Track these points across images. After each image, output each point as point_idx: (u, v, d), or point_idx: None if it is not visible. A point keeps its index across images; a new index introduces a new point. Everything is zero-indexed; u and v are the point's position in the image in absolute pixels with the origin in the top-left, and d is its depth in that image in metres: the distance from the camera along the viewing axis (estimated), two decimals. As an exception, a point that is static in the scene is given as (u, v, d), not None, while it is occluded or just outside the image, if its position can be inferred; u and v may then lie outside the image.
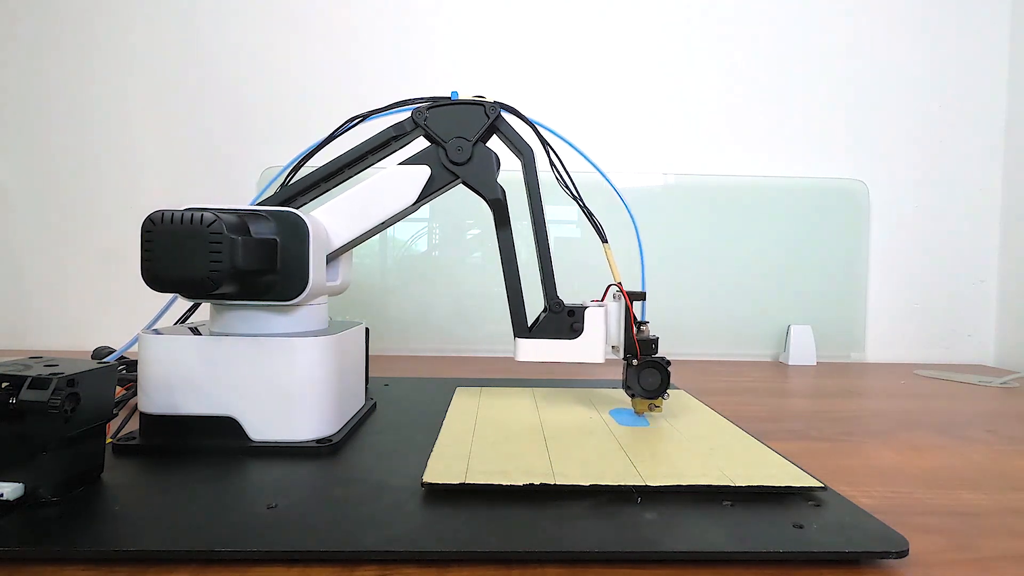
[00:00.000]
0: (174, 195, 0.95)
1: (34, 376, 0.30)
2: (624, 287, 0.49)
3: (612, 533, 0.29)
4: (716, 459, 0.38)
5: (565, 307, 0.50)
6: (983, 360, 1.00)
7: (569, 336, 0.50)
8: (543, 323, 0.50)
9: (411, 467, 0.37)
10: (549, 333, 0.50)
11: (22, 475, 0.30)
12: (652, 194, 0.97)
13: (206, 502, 0.32)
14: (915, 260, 0.99)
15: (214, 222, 0.36)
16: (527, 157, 0.50)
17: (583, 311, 0.50)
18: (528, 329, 0.50)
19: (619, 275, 0.50)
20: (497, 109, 0.49)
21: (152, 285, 0.37)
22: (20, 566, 0.27)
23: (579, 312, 0.50)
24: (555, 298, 0.50)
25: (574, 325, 0.50)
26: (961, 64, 0.99)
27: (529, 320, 0.50)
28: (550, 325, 0.50)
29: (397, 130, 0.49)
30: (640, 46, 0.98)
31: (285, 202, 0.48)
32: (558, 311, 0.50)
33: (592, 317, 0.50)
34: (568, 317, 0.50)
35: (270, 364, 0.41)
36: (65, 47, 0.96)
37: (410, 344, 0.96)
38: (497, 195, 0.49)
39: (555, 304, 0.50)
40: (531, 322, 0.50)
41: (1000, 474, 0.42)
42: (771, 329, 0.96)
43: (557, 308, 0.50)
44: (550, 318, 0.50)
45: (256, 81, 0.96)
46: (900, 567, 0.28)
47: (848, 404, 0.65)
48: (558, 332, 0.50)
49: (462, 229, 0.97)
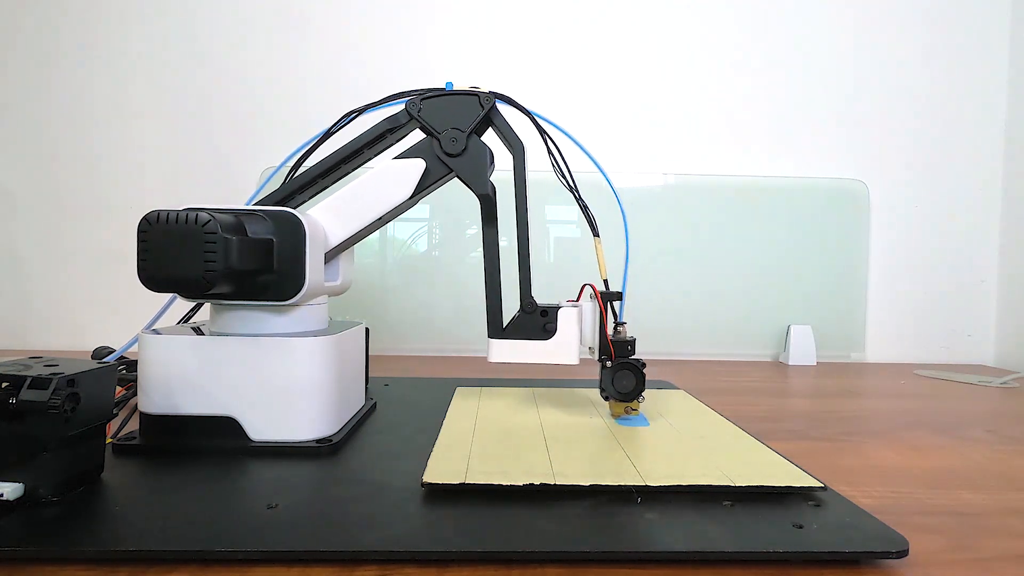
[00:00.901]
0: (175, 195, 0.95)
1: (34, 376, 0.30)
2: (609, 285, 0.49)
3: (612, 533, 0.29)
4: (716, 459, 0.38)
5: (538, 307, 0.48)
6: (983, 360, 1.00)
7: (542, 336, 0.48)
8: (516, 323, 0.49)
9: (411, 467, 0.37)
10: (522, 333, 0.48)
11: (22, 475, 0.30)
12: (652, 194, 0.97)
13: (206, 502, 0.32)
14: (915, 260, 0.99)
15: (209, 222, 0.36)
16: (517, 151, 0.49)
17: (556, 311, 0.48)
18: (502, 329, 0.49)
19: (606, 271, 0.49)
20: (492, 99, 0.48)
21: (148, 285, 0.37)
22: (20, 566, 0.27)
23: (552, 312, 0.48)
24: (528, 298, 0.49)
25: (547, 325, 0.48)
26: (961, 64, 0.99)
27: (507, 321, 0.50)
28: (523, 325, 0.48)
29: (392, 123, 0.48)
30: (640, 46, 0.98)
31: (282, 201, 0.47)
32: (531, 311, 0.48)
33: (565, 317, 0.48)
34: (541, 317, 0.48)
35: (270, 364, 0.41)
36: (66, 48, 0.96)
37: (410, 344, 0.96)
38: (487, 191, 0.48)
39: (528, 304, 0.48)
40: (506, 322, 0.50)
41: (1000, 474, 0.42)
42: (771, 329, 0.96)
43: (530, 308, 0.48)
44: (523, 318, 0.49)
45: (256, 81, 0.96)
46: (900, 567, 0.28)
47: (848, 404, 0.65)
48: (531, 332, 0.48)
49: (462, 228, 0.97)
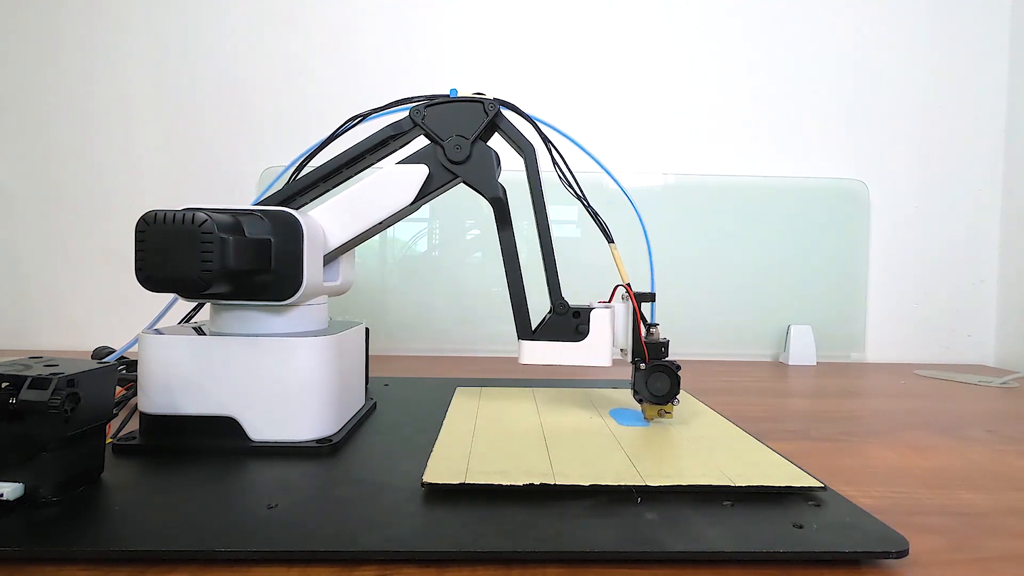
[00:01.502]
0: (175, 195, 0.95)
1: (34, 376, 0.30)
2: (632, 288, 0.48)
3: (612, 533, 0.29)
4: (716, 459, 0.38)
5: (570, 308, 0.48)
6: (983, 360, 1.00)
7: (574, 338, 0.48)
8: (548, 325, 0.48)
9: (411, 467, 0.37)
10: (554, 335, 0.48)
11: (22, 475, 0.30)
12: (653, 194, 0.97)
13: (206, 502, 0.32)
14: (915, 260, 0.99)
15: (205, 222, 0.36)
16: (528, 154, 0.48)
17: (589, 312, 0.48)
18: (532, 331, 0.48)
19: (627, 276, 0.48)
20: (496, 106, 0.48)
21: (145, 284, 0.37)
22: (20, 566, 0.27)
23: (585, 314, 0.48)
24: (560, 299, 0.48)
25: (579, 327, 0.48)
26: (961, 64, 0.98)
27: (534, 322, 0.49)
28: (555, 327, 0.48)
29: (395, 129, 0.48)
30: (641, 46, 0.97)
31: (284, 203, 0.47)
32: (563, 312, 0.48)
33: (598, 319, 0.48)
34: (573, 319, 0.48)
35: (270, 364, 0.41)
36: (66, 47, 0.96)
37: (410, 344, 0.96)
38: (497, 194, 0.48)
39: (560, 305, 0.48)
40: (536, 324, 0.49)
41: (1000, 474, 0.42)
42: (771, 329, 0.96)
43: (562, 309, 0.48)
44: (555, 320, 0.48)
45: (257, 81, 0.96)
46: (900, 567, 0.28)
47: (848, 404, 0.65)
48: (563, 334, 0.48)
49: (462, 229, 0.97)
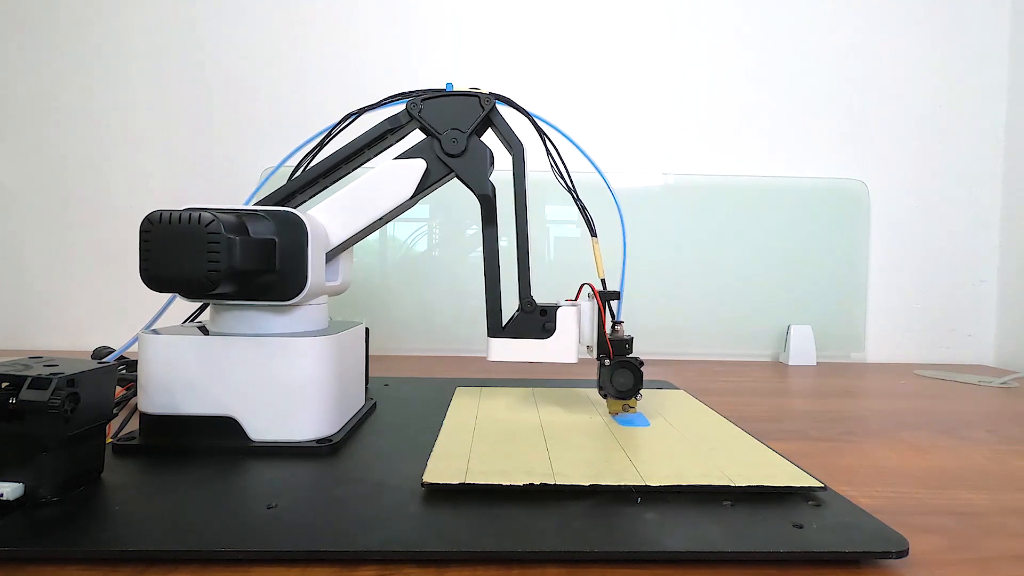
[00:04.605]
0: (175, 195, 0.95)
1: (34, 376, 0.30)
2: (606, 285, 0.49)
3: (612, 533, 0.29)
4: (716, 459, 0.38)
5: (537, 306, 0.49)
6: (983, 360, 0.99)
7: (541, 336, 0.49)
8: (515, 322, 0.49)
9: (411, 467, 0.37)
10: (521, 332, 0.49)
11: (22, 475, 0.30)
12: (652, 194, 0.97)
13: (206, 502, 0.32)
14: (915, 260, 0.99)
15: (211, 222, 0.36)
16: (517, 152, 0.49)
17: (555, 311, 0.49)
18: (501, 328, 0.49)
19: (603, 271, 0.50)
20: (492, 100, 0.49)
21: (150, 285, 0.37)
22: (20, 566, 0.27)
23: (551, 311, 0.49)
24: (527, 297, 0.49)
25: (546, 325, 0.49)
26: (961, 64, 0.98)
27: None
28: (522, 325, 0.49)
29: (392, 123, 0.49)
30: (640, 46, 0.97)
31: (283, 201, 0.48)
32: (530, 310, 0.49)
33: (564, 317, 0.49)
34: (540, 316, 0.49)
35: (270, 364, 0.41)
36: (67, 47, 0.96)
37: (410, 344, 0.96)
38: (487, 191, 0.49)
39: (527, 303, 0.49)
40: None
41: (1000, 474, 0.42)
42: (771, 329, 0.96)
43: (529, 307, 0.49)
44: (522, 318, 0.49)
45: (257, 81, 0.96)
46: (900, 567, 0.28)
47: (848, 404, 0.65)
48: (530, 332, 0.49)
49: (462, 228, 0.97)
